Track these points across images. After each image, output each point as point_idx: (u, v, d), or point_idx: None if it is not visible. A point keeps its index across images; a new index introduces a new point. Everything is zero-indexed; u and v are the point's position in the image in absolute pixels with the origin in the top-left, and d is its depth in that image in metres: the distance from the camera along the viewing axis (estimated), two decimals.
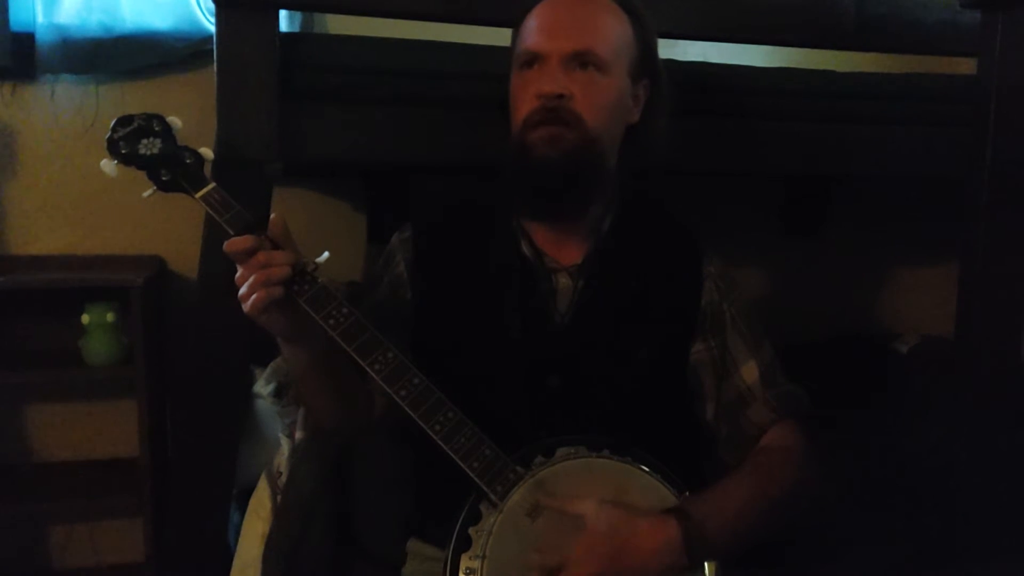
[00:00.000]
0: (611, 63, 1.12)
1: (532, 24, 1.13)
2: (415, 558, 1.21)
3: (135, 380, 1.72)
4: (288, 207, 1.71)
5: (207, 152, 1.07)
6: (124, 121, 1.05)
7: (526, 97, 1.10)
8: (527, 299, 1.15)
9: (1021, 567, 1.39)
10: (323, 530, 1.45)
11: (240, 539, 1.48)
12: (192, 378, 1.38)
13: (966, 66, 1.58)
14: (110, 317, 1.73)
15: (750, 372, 1.18)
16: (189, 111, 1.19)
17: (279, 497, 1.48)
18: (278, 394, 1.61)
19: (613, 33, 1.13)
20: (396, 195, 1.88)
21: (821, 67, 1.60)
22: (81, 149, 1.82)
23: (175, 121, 1.07)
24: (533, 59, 1.11)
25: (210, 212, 1.02)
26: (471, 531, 0.98)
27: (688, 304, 1.19)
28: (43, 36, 1.73)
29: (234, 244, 0.97)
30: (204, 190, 1.03)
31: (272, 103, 1.26)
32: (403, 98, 1.35)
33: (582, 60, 1.10)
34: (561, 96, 1.08)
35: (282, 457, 1.55)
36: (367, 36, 1.39)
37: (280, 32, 1.27)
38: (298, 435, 1.54)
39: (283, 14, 1.41)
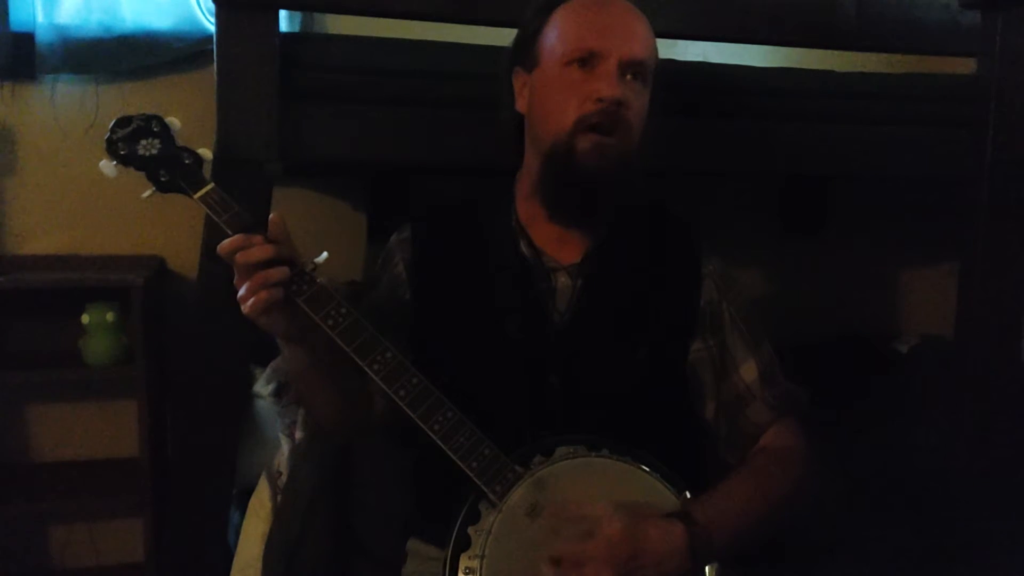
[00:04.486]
0: (649, 77, 1.13)
1: (581, 20, 1.11)
2: (415, 558, 1.21)
3: (135, 380, 1.71)
4: (288, 207, 1.70)
5: (206, 153, 1.06)
6: (123, 122, 1.05)
7: (577, 96, 1.08)
8: (526, 299, 1.15)
9: (1021, 567, 1.39)
10: (323, 530, 1.45)
11: (240, 539, 1.48)
12: (192, 378, 1.38)
13: (966, 66, 1.58)
14: (110, 317, 1.72)
15: (749, 371, 1.18)
16: (189, 111, 1.19)
17: (279, 497, 1.48)
18: (278, 394, 1.61)
19: (653, 47, 1.14)
20: (396, 195, 1.88)
21: (821, 67, 1.60)
22: (81, 149, 1.81)
23: (174, 122, 1.07)
24: (590, 58, 1.08)
25: (209, 213, 1.02)
26: (470, 531, 0.98)
27: (687, 303, 1.19)
28: (43, 36, 1.73)
29: (232, 245, 0.97)
30: (203, 190, 1.03)
31: (272, 103, 1.26)
32: (403, 98, 1.35)
33: (635, 70, 1.10)
34: (621, 103, 1.07)
35: (282, 457, 1.55)
36: (367, 36, 1.39)
37: (280, 32, 1.27)
38: (298, 435, 1.54)
39: (283, 14, 1.41)
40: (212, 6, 1.27)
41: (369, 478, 1.51)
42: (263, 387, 1.62)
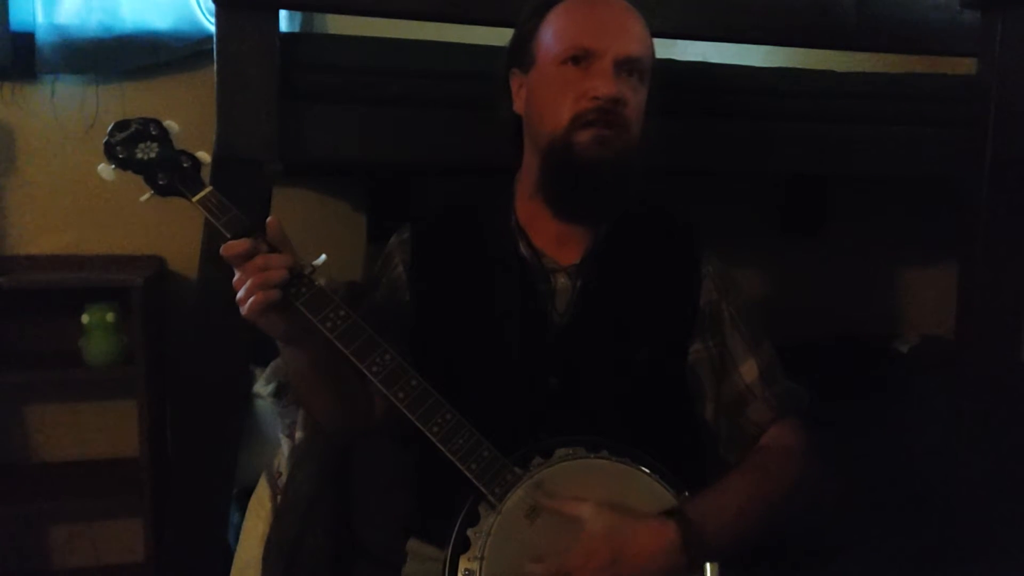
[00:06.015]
0: (647, 73, 1.13)
1: (576, 19, 1.11)
2: (415, 558, 1.21)
3: (135, 380, 1.72)
4: (288, 207, 1.71)
5: (204, 156, 1.06)
6: (121, 126, 1.05)
7: (573, 94, 1.08)
8: (526, 300, 1.15)
9: (1021, 567, 1.39)
10: (323, 530, 1.45)
11: (240, 539, 1.48)
12: (192, 378, 1.38)
13: (966, 66, 1.58)
14: (110, 317, 1.73)
15: (749, 371, 1.18)
16: (189, 111, 1.19)
17: (279, 497, 1.48)
18: (278, 394, 1.61)
19: (649, 44, 1.14)
20: (396, 195, 1.88)
21: (821, 67, 1.60)
22: (81, 149, 1.82)
23: (172, 125, 1.07)
24: (584, 56, 1.08)
25: (207, 216, 1.02)
26: (470, 532, 0.98)
27: (687, 304, 1.19)
28: (43, 36, 1.73)
29: (231, 248, 0.97)
30: (201, 194, 1.02)
31: (272, 103, 1.26)
32: (403, 98, 1.35)
33: (631, 67, 1.09)
34: (618, 100, 1.07)
35: (282, 457, 1.55)
36: (367, 36, 1.39)
37: (280, 32, 1.27)
38: (298, 435, 1.54)
39: (283, 14, 1.41)
40: (212, 6, 1.27)
41: (369, 478, 1.51)
42: (263, 387, 1.62)
